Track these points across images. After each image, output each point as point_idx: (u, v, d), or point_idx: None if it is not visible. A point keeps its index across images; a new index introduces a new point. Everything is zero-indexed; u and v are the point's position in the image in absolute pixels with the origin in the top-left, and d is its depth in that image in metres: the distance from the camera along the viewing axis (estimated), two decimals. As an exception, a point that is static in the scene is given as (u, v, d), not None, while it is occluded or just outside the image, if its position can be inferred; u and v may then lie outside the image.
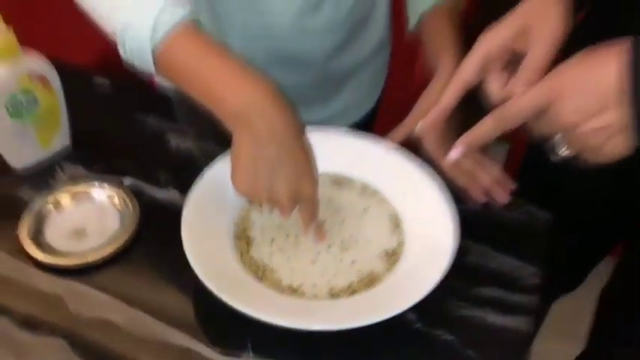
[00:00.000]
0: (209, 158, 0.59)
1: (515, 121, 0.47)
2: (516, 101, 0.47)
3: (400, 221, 0.58)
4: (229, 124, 0.49)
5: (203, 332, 0.51)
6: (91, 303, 0.53)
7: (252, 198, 0.50)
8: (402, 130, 0.61)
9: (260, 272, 0.53)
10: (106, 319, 0.51)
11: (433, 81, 0.61)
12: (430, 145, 0.60)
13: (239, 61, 0.50)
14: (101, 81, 0.77)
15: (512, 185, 0.62)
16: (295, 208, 0.51)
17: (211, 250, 0.52)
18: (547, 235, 0.61)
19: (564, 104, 0.44)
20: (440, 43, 0.63)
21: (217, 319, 0.51)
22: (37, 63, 0.61)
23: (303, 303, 0.51)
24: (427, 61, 0.65)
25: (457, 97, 0.52)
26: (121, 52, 0.51)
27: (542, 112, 0.45)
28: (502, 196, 0.61)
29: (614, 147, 0.44)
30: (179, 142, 0.69)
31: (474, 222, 0.57)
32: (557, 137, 0.46)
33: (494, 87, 0.51)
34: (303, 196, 0.50)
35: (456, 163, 0.57)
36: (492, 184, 0.61)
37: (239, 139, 0.49)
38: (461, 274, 0.53)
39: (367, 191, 0.61)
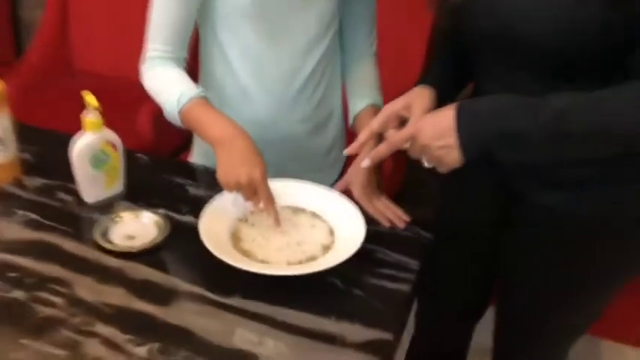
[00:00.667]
0: (215, 191, 0.95)
1: (398, 146, 0.86)
2: (398, 133, 0.85)
3: (334, 231, 0.94)
4: (215, 147, 0.92)
5: (209, 284, 0.84)
6: (136, 273, 0.86)
7: (227, 186, 0.90)
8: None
9: (246, 254, 0.88)
10: (146, 279, 0.85)
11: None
12: (357, 193, 0.98)
13: (225, 118, 0.94)
14: (142, 155, 1.15)
15: (407, 218, 0.98)
16: (254, 193, 0.89)
17: (217, 242, 0.87)
18: (425, 244, 0.96)
19: (423, 134, 0.82)
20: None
21: (218, 277, 0.85)
22: (111, 134, 0.98)
23: (270, 266, 0.85)
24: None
25: (368, 137, 0.91)
26: (165, 115, 0.96)
27: (412, 139, 0.83)
28: (400, 224, 0.97)
29: (450, 159, 0.82)
30: (194, 190, 1.05)
31: (383, 234, 0.93)
32: (423, 158, 0.84)
33: (390, 132, 0.90)
34: (256, 180, 0.89)
35: (374, 206, 0.96)
36: (394, 218, 0.97)
37: (219, 154, 0.91)
38: (370, 262, 0.88)
39: (314, 216, 0.97)
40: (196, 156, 1.21)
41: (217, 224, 0.91)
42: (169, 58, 1.03)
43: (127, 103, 1.75)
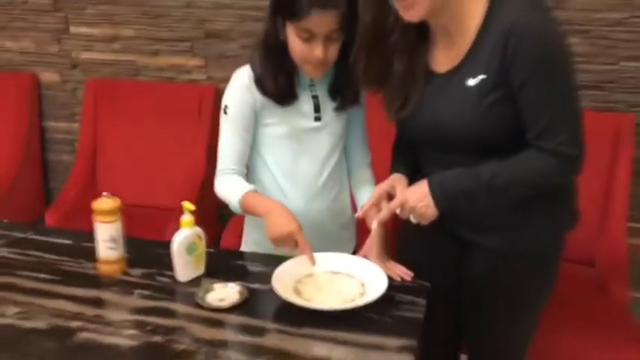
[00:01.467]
0: (268, 267, 1.35)
1: (394, 209, 1.30)
2: (393, 202, 1.30)
3: (364, 284, 1.34)
4: (265, 218, 1.36)
5: (283, 321, 1.22)
6: (230, 320, 1.24)
7: (275, 240, 1.33)
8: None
9: (306, 301, 1.27)
10: (239, 324, 1.23)
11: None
12: (374, 259, 1.41)
13: (269, 199, 1.42)
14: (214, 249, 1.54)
15: (411, 273, 1.40)
16: (295, 243, 1.32)
17: (285, 293, 1.27)
18: (427, 288, 1.37)
19: (410, 200, 1.28)
20: None
21: (290, 316, 1.23)
22: (198, 230, 1.39)
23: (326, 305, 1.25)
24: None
25: (371, 206, 1.36)
26: (230, 207, 1.41)
27: (403, 204, 1.28)
28: (408, 278, 1.39)
29: (429, 214, 1.27)
30: (254, 268, 1.44)
31: (398, 285, 1.34)
32: (411, 216, 1.28)
33: (384, 203, 1.34)
34: (294, 231, 1.32)
35: (386, 267, 1.38)
36: (403, 274, 1.39)
37: (267, 222, 1.35)
38: (392, 302, 1.28)
39: (349, 275, 1.38)
40: (247, 245, 1.62)
41: (282, 283, 1.31)
42: (235, 173, 1.48)
43: (150, 225, 2.18)
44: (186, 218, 1.37)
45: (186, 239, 1.36)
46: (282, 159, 1.52)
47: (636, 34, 2.11)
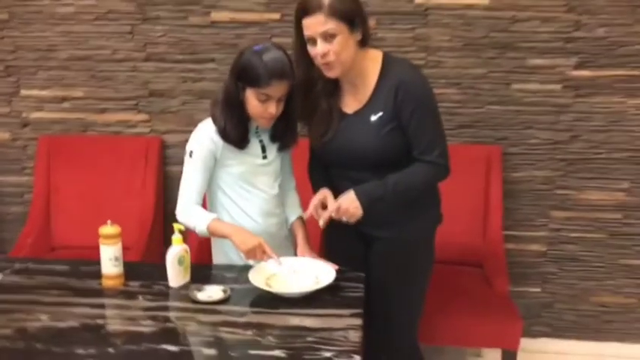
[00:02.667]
0: (238, 273, 1.77)
1: (331, 212, 1.78)
2: (330, 206, 1.79)
3: (317, 277, 1.78)
4: (231, 237, 1.79)
5: (256, 306, 1.64)
6: (223, 309, 1.64)
7: (247, 252, 1.77)
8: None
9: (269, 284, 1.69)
10: (228, 310, 1.63)
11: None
12: (300, 252, 1.90)
13: (232, 224, 1.84)
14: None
15: (336, 266, 1.85)
16: (263, 251, 1.77)
17: (256, 280, 1.68)
18: (360, 276, 1.83)
19: (343, 204, 1.76)
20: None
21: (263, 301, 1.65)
22: (186, 246, 1.77)
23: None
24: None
25: (313, 211, 1.82)
26: (196, 232, 1.83)
27: (338, 208, 1.76)
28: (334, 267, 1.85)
29: (358, 214, 1.77)
30: (229, 274, 1.84)
31: (341, 277, 1.79)
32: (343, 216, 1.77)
33: (321, 212, 1.82)
34: (261, 243, 1.76)
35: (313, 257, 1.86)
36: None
37: (234, 240, 1.79)
38: (337, 288, 1.73)
39: (304, 272, 1.81)
40: (217, 259, 2.01)
41: (256, 281, 1.72)
42: (197, 204, 1.88)
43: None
44: (177, 236, 1.76)
45: (177, 253, 1.75)
46: (240, 189, 1.93)
47: (495, 84, 2.74)
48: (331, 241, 2.08)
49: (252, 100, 1.82)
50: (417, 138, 1.78)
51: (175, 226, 1.77)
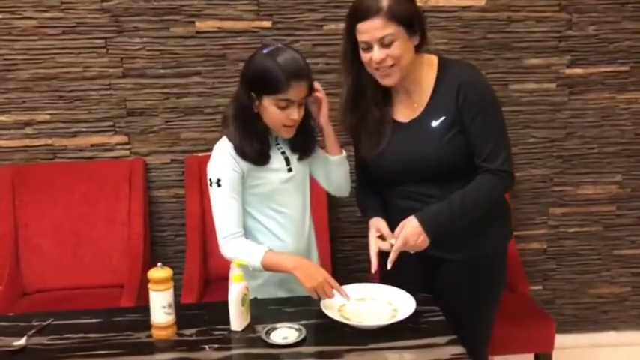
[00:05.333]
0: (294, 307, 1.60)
1: (399, 251, 1.64)
2: (397, 245, 1.64)
3: (392, 303, 1.64)
4: (293, 272, 1.62)
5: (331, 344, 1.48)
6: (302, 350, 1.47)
7: (313, 289, 1.59)
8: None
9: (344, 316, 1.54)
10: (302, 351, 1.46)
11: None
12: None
13: (289, 255, 1.67)
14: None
15: None
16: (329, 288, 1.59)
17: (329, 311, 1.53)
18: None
19: (410, 239, 1.63)
20: None
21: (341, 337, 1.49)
22: (246, 283, 1.58)
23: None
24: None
25: (376, 254, 1.69)
26: (249, 266, 1.63)
27: (405, 243, 1.63)
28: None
29: (425, 245, 1.64)
30: (282, 308, 1.67)
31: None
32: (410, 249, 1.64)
33: (389, 245, 1.68)
34: (328, 278, 1.60)
35: None
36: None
37: (298, 274, 1.62)
38: (418, 314, 1.61)
39: (374, 299, 1.67)
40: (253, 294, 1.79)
41: (331, 314, 1.57)
42: (240, 235, 1.70)
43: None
44: (237, 273, 1.56)
45: (239, 292, 1.55)
46: (270, 211, 1.76)
47: (493, 86, 2.72)
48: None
49: (271, 109, 1.65)
50: (481, 142, 1.66)
51: (235, 262, 1.57)
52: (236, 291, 1.55)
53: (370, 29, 1.58)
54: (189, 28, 2.54)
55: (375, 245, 1.71)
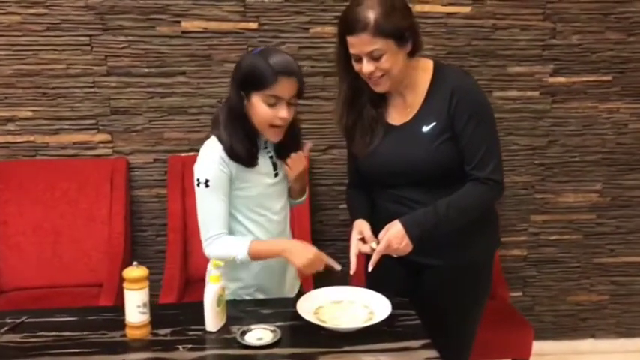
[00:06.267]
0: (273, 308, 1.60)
1: (381, 253, 1.64)
2: (379, 247, 1.64)
3: (368, 306, 1.65)
4: (284, 255, 1.63)
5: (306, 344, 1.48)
6: (276, 352, 1.47)
7: (306, 268, 1.61)
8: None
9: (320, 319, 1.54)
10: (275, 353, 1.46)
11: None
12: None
13: (275, 239, 1.69)
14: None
15: None
16: (321, 261, 1.62)
17: (305, 313, 1.53)
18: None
19: (393, 242, 1.62)
20: None
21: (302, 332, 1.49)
22: (222, 284, 1.58)
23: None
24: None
25: (357, 255, 1.68)
26: (237, 260, 1.64)
27: (388, 246, 1.63)
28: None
29: (408, 249, 1.63)
30: (258, 309, 1.67)
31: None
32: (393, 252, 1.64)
33: (370, 247, 1.68)
34: (317, 253, 1.61)
35: None
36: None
37: (289, 256, 1.64)
38: (395, 316, 1.61)
39: (351, 302, 1.67)
40: (230, 294, 1.78)
41: (306, 315, 1.56)
42: (225, 234, 1.69)
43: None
44: (214, 273, 1.56)
45: (215, 292, 1.55)
46: (255, 215, 1.76)
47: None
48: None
49: (259, 106, 1.64)
50: (471, 149, 1.65)
51: (213, 262, 1.57)
52: (212, 291, 1.55)
53: (357, 44, 1.59)
54: (175, 27, 2.54)
55: (355, 247, 1.71)
